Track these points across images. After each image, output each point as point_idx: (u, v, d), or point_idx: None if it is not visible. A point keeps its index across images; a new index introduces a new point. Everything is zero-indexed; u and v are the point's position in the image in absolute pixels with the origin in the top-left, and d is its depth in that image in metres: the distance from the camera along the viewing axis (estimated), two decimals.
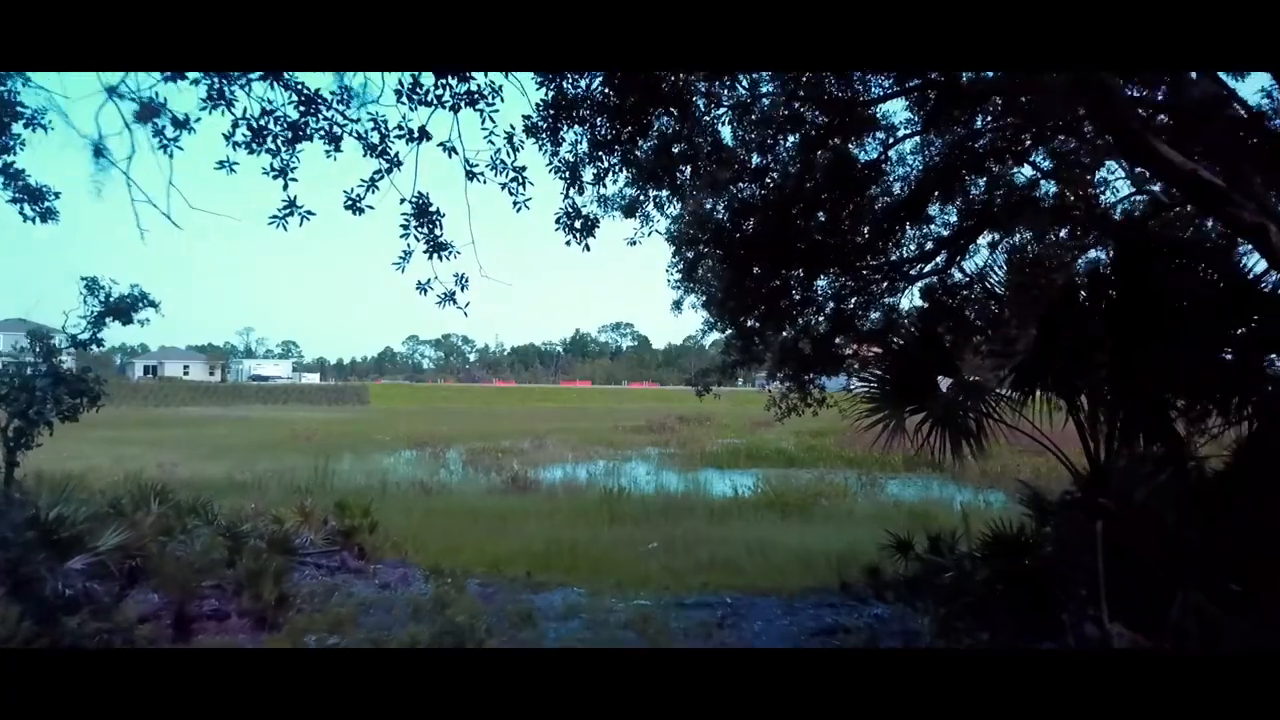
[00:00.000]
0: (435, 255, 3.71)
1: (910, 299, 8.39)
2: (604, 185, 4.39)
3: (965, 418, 5.12)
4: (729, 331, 7.97)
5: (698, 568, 10.16)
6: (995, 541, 6.57)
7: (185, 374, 76.00)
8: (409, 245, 3.76)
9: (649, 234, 6.45)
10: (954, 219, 7.49)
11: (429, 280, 3.86)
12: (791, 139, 6.02)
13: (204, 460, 22.19)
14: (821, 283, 7.46)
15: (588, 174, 4.33)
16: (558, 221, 4.19)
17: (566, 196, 4.22)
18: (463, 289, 4.02)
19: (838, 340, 7.59)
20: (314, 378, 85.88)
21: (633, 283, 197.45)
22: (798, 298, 7.32)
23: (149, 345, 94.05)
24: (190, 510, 8.13)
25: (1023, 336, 4.80)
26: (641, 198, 5.93)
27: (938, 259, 7.57)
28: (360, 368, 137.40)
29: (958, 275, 7.97)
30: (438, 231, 3.74)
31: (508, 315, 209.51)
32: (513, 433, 34.38)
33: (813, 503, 14.00)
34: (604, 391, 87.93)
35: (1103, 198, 6.53)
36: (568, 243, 4.21)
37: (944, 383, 5.35)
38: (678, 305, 7.95)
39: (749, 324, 7.43)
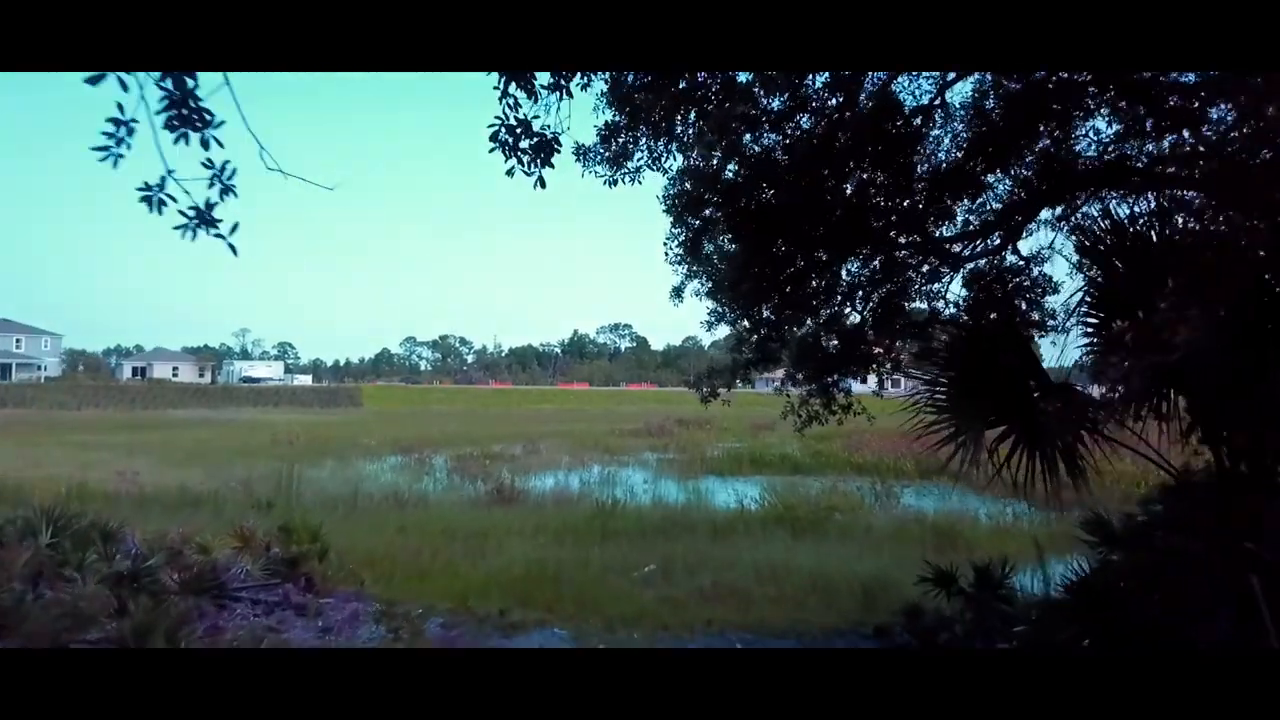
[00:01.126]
0: (182, 134, 1.91)
1: (957, 285, 7.08)
2: (566, 93, 3.01)
3: (1066, 436, 3.84)
4: (741, 324, 6.64)
5: (701, 598, 8.88)
6: (1080, 586, 5.26)
7: (175, 376, 74.56)
8: (126, 113, 1.90)
9: (638, 180, 5.07)
10: (1012, 186, 6.19)
11: (162, 180, 1.95)
12: (823, 76, 4.73)
13: (173, 467, 20.87)
14: (853, 265, 6.15)
15: (543, 74, 2.93)
16: (493, 138, 2.78)
17: (505, 95, 2.76)
18: (224, 194, 2.05)
19: (871, 334, 6.27)
20: (306, 379, 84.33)
21: (631, 283, 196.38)
22: (823, 283, 6.01)
23: (144, 346, 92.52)
24: (93, 540, 6.78)
25: (1149, 328, 3.50)
26: (624, 132, 4.58)
27: (995, 234, 6.27)
28: (356, 369, 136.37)
29: (1010, 257, 6.66)
30: (190, 83, 1.88)
31: (506, 317, 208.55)
32: (505, 436, 33.08)
33: (826, 517, 12.70)
34: (602, 393, 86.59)
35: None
36: (510, 172, 2.79)
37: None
38: (678, 293, 6.60)
39: (765, 314, 6.10)
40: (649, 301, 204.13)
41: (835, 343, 6.84)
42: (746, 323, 6.50)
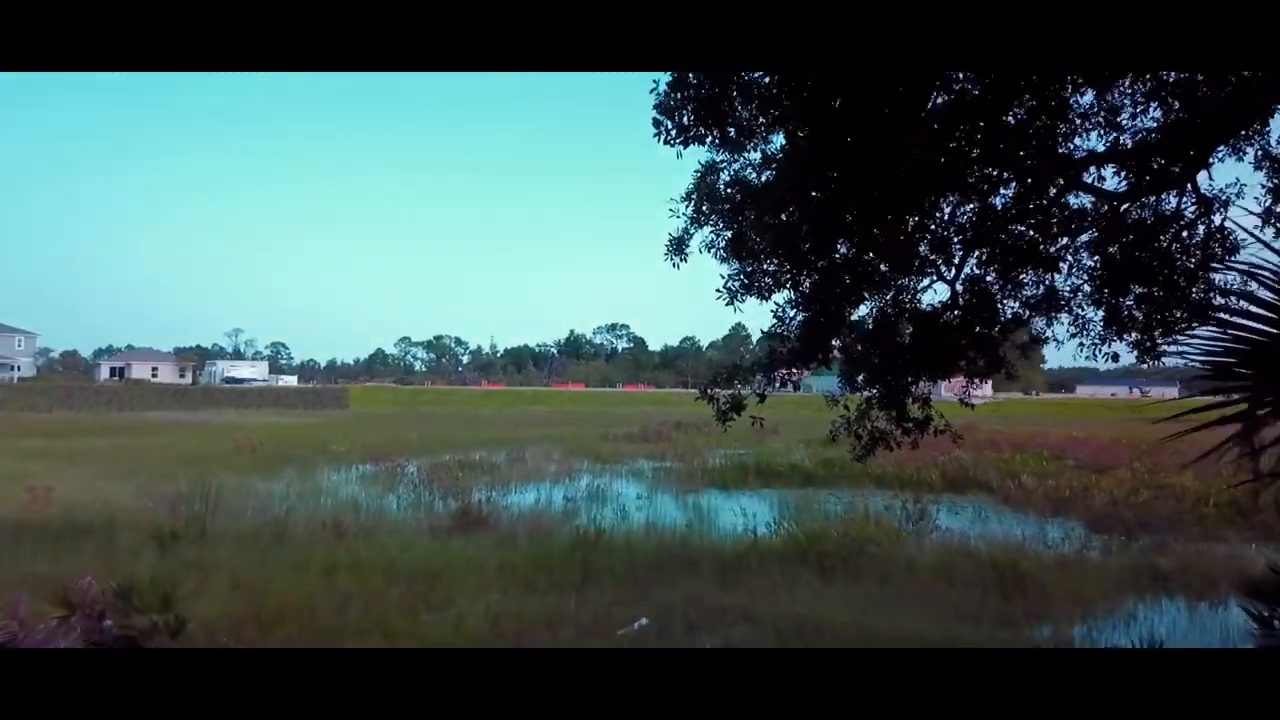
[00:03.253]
0: None
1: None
2: None
3: None
4: (782, 294, 4.27)
5: None
6: None
7: (154, 376, 71.96)
8: None
9: None
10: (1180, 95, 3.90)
11: None
12: None
13: (109, 480, 18.50)
14: (950, 204, 3.87)
15: None
16: None
17: None
18: None
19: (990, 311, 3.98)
20: (292, 380, 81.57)
21: (629, 283, 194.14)
22: (906, 229, 3.72)
23: (135, 346, 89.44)
24: None
25: None
26: None
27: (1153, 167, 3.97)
28: (350, 370, 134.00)
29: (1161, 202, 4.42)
30: None
31: (502, 317, 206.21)
32: (491, 441, 30.78)
33: (857, 550, 10.41)
34: (597, 394, 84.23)
35: None
36: None
37: None
38: (679, 248, 4.29)
39: (820, 267, 3.75)
40: (647, 302, 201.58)
41: (910, 331, 4.54)
42: (794, 289, 4.14)
